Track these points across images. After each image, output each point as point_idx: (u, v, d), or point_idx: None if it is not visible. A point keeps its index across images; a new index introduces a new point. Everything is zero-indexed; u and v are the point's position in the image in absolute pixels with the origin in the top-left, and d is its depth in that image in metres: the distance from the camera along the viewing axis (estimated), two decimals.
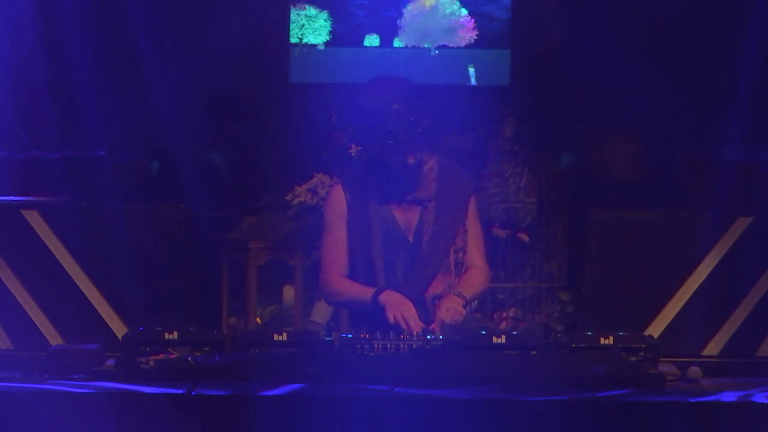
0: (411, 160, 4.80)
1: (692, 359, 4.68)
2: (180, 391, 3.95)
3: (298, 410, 3.87)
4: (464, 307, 4.78)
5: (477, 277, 4.95)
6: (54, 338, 5.01)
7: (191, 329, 4.41)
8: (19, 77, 6.62)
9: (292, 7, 7.76)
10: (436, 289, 4.84)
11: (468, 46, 7.73)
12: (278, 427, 3.85)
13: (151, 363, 4.22)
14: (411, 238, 4.86)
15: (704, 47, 7.11)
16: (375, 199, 4.86)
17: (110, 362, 4.36)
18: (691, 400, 3.98)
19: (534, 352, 4.28)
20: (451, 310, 4.74)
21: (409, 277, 4.83)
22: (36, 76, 6.69)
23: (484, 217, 7.11)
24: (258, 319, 6.52)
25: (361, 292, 4.81)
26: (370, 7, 7.73)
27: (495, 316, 7.17)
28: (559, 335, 4.44)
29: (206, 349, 4.30)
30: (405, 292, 4.76)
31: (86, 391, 4.02)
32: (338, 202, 4.91)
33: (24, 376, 4.28)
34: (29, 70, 6.69)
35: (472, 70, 7.75)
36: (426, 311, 4.79)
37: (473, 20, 7.74)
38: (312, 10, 7.75)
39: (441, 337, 4.34)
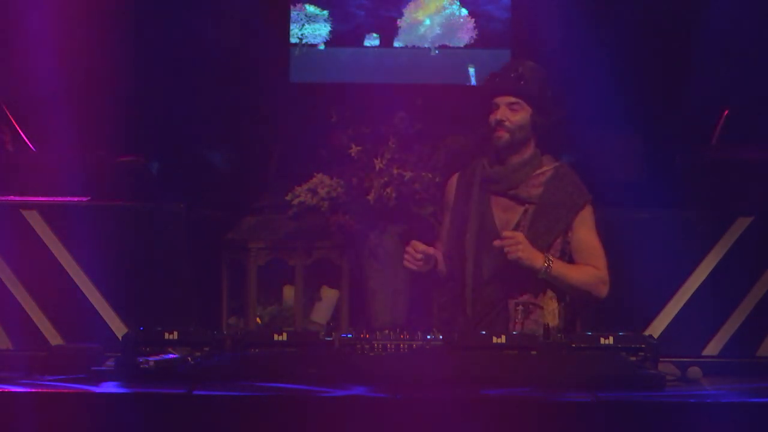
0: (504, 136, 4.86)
1: (692, 359, 4.68)
2: (180, 391, 3.95)
3: (298, 410, 3.87)
4: (534, 264, 4.70)
5: (588, 269, 4.79)
6: (54, 338, 5.02)
7: (191, 329, 4.41)
8: (20, 78, 6.62)
9: (292, 7, 7.75)
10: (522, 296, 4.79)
11: (468, 46, 7.72)
12: (278, 427, 3.85)
13: (151, 363, 4.22)
14: None
15: (704, 47, 7.11)
16: (478, 185, 4.84)
17: (110, 362, 4.36)
18: (691, 400, 3.98)
19: (534, 352, 4.27)
20: (512, 243, 4.68)
21: (494, 277, 4.79)
22: (36, 76, 6.69)
23: None
24: (258, 319, 6.50)
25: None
26: (370, 7, 7.72)
27: None
28: (559, 335, 4.43)
29: (206, 349, 4.30)
30: (489, 292, 4.74)
31: (86, 391, 4.02)
32: (449, 189, 5.02)
33: (24, 376, 4.28)
34: (29, 70, 6.69)
35: (472, 70, 7.74)
36: (507, 317, 4.74)
37: (473, 20, 7.73)
38: (312, 10, 7.74)
39: (441, 337, 4.34)
